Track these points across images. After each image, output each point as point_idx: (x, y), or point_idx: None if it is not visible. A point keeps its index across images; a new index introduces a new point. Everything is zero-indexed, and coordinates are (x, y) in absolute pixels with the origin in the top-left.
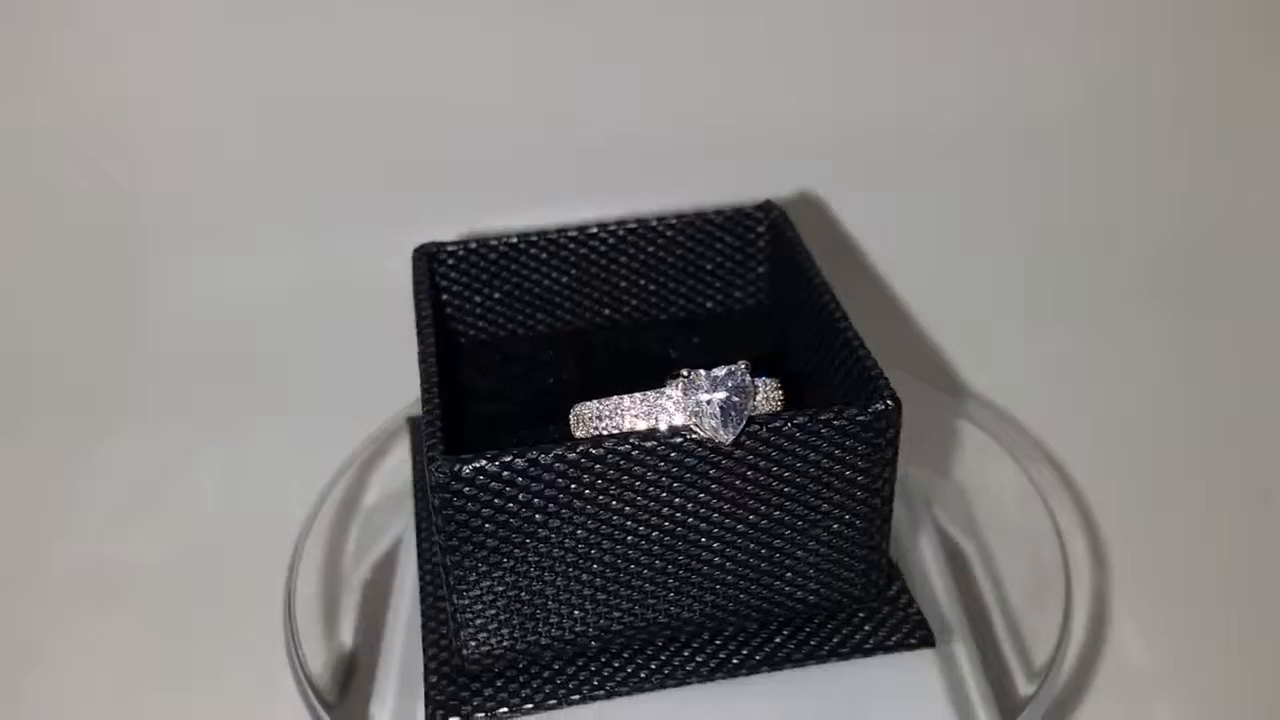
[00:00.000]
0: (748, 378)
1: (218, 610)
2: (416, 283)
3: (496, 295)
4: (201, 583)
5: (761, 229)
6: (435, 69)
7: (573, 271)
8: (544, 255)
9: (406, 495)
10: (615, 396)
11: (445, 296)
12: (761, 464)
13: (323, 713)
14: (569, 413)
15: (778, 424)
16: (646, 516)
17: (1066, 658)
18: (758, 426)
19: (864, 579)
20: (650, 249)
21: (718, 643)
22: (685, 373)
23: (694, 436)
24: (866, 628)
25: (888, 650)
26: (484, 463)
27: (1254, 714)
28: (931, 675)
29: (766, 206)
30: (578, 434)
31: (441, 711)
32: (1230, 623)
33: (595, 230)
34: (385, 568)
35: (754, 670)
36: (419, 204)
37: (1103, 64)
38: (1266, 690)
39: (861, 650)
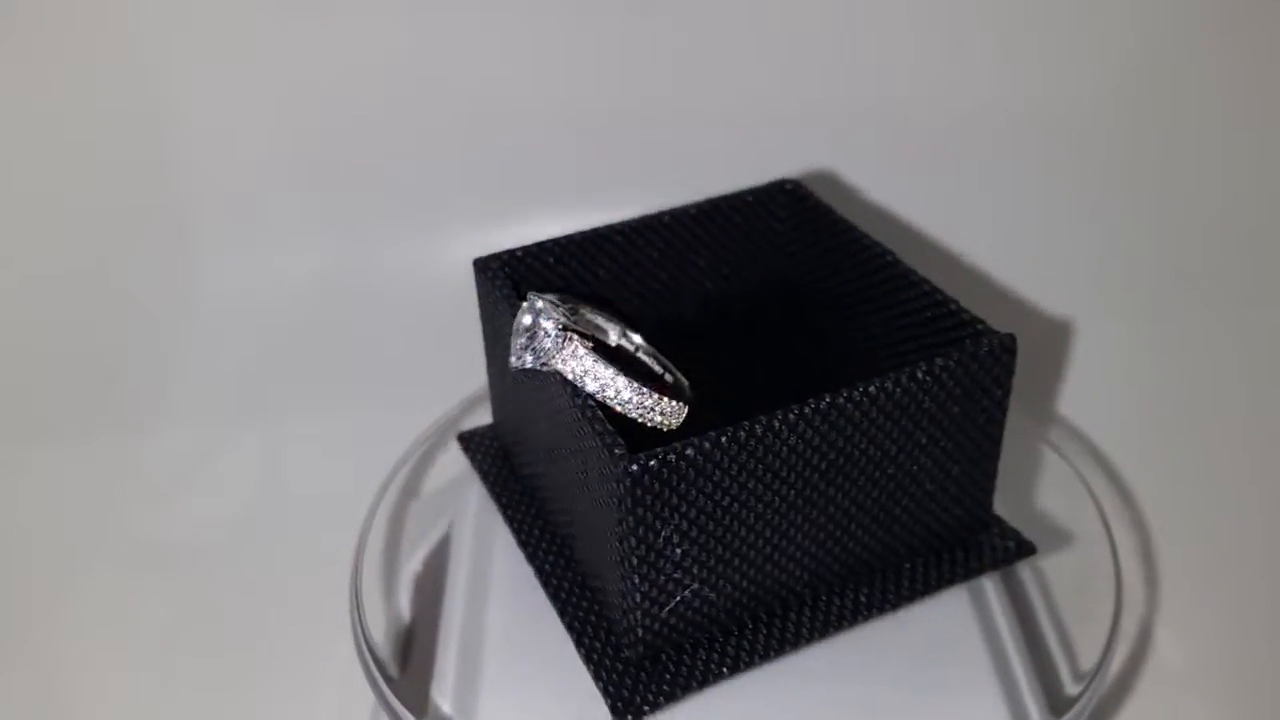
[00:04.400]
0: (553, 335)
1: (277, 595)
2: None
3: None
4: (259, 568)
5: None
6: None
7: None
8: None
9: (462, 482)
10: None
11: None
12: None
13: (385, 686)
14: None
15: (581, 399)
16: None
17: (1114, 659)
18: (580, 397)
19: (621, 615)
20: None
21: None
22: (533, 296)
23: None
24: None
25: None
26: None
27: None
28: (984, 671)
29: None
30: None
31: None
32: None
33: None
34: (440, 553)
35: None
36: (471, 201)
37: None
38: None
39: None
